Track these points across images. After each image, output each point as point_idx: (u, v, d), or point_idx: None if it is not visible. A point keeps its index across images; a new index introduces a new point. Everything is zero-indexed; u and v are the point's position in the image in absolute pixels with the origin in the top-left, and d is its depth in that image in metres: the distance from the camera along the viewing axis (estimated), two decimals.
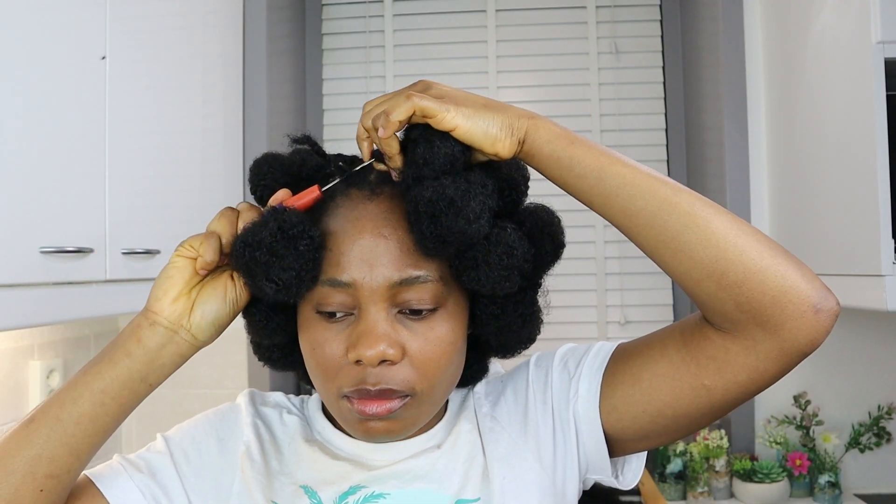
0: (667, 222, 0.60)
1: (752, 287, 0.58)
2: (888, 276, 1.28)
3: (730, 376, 0.62)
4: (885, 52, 1.29)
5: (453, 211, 0.60)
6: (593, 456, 0.70)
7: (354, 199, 0.66)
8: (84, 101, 1.17)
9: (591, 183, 0.62)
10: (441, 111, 0.60)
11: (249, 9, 1.88)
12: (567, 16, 2.18)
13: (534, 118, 0.63)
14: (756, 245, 0.59)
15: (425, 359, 0.64)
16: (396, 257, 0.63)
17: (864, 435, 1.80)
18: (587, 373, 0.70)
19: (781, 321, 0.58)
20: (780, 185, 1.80)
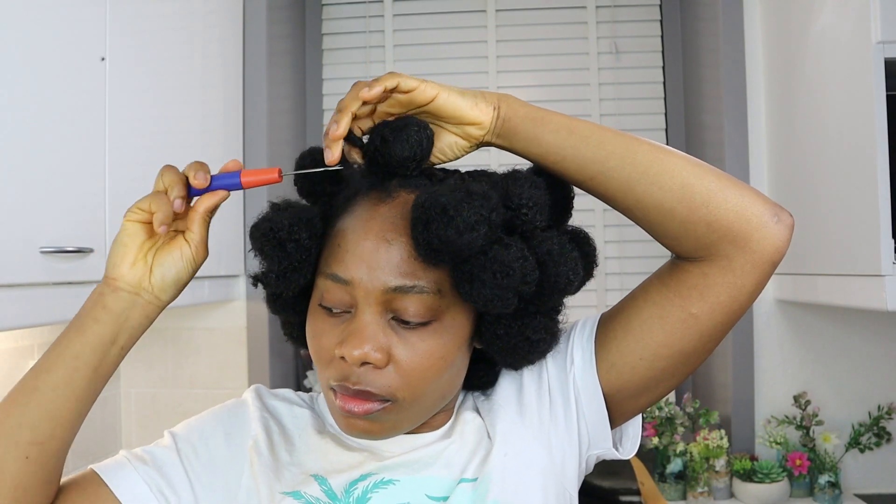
0: (634, 161, 0.66)
1: (717, 204, 0.64)
2: (888, 276, 1.28)
3: (713, 298, 0.66)
4: (885, 52, 1.29)
5: (444, 219, 0.60)
6: (594, 427, 0.72)
7: (371, 199, 0.67)
8: (84, 102, 1.17)
9: (563, 136, 0.66)
10: (420, 84, 0.65)
11: (249, 9, 1.88)
12: (567, 16, 2.18)
13: (501, 98, 0.68)
14: (710, 172, 0.66)
15: (410, 369, 0.65)
16: (396, 264, 0.64)
17: (864, 435, 1.80)
18: (578, 343, 0.72)
19: (748, 232, 0.64)
20: (780, 185, 1.80)
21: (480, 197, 0.62)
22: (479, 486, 0.68)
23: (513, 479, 0.69)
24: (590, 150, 0.66)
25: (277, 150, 1.97)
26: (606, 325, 0.73)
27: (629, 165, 0.66)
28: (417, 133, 0.65)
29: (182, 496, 0.69)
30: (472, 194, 0.61)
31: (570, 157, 0.67)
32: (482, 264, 0.62)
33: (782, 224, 0.65)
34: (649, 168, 0.66)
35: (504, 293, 0.62)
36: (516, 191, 0.65)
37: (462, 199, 0.61)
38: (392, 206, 0.66)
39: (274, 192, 0.79)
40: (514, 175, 0.68)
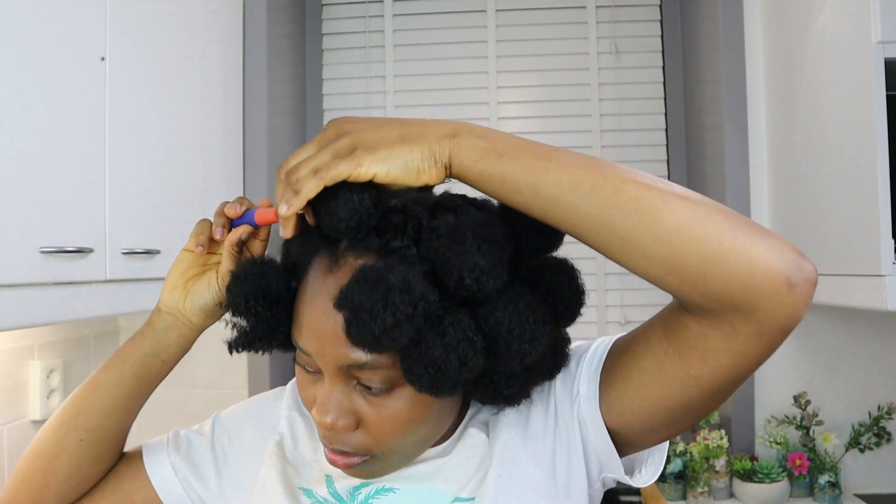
0: (613, 223, 0.55)
1: (715, 276, 0.54)
2: (888, 276, 1.28)
3: (714, 363, 0.59)
4: (885, 52, 1.29)
5: (360, 323, 0.56)
6: (603, 455, 0.69)
7: (322, 263, 0.64)
8: (84, 102, 1.17)
9: (527, 196, 0.57)
10: (353, 168, 0.57)
11: (249, 9, 1.88)
12: (567, 16, 2.18)
13: (456, 137, 0.58)
14: (713, 229, 0.54)
15: (381, 430, 0.64)
16: (344, 341, 0.60)
17: (864, 435, 1.80)
18: (586, 373, 0.69)
19: (755, 304, 0.54)
20: (780, 185, 1.80)
21: (401, 291, 0.56)
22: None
23: (504, 499, 0.68)
24: (558, 212, 0.57)
25: (277, 150, 1.97)
26: (612, 361, 0.68)
27: (607, 230, 0.56)
28: (354, 199, 0.58)
29: (208, 483, 0.79)
30: (391, 290, 0.56)
31: (537, 215, 0.58)
32: (415, 357, 0.58)
33: (798, 288, 0.53)
34: (632, 233, 0.55)
35: (444, 381, 0.59)
36: (456, 261, 0.58)
37: (378, 298, 0.55)
38: (338, 275, 0.62)
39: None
40: (461, 237, 0.58)
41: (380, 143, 0.58)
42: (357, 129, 0.59)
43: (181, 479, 0.79)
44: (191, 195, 1.56)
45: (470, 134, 0.58)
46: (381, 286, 0.56)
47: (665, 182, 0.57)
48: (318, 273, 0.64)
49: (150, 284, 1.36)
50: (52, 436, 0.76)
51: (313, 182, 0.57)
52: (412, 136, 0.58)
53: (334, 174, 0.57)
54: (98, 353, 1.79)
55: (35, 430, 1.53)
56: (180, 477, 0.79)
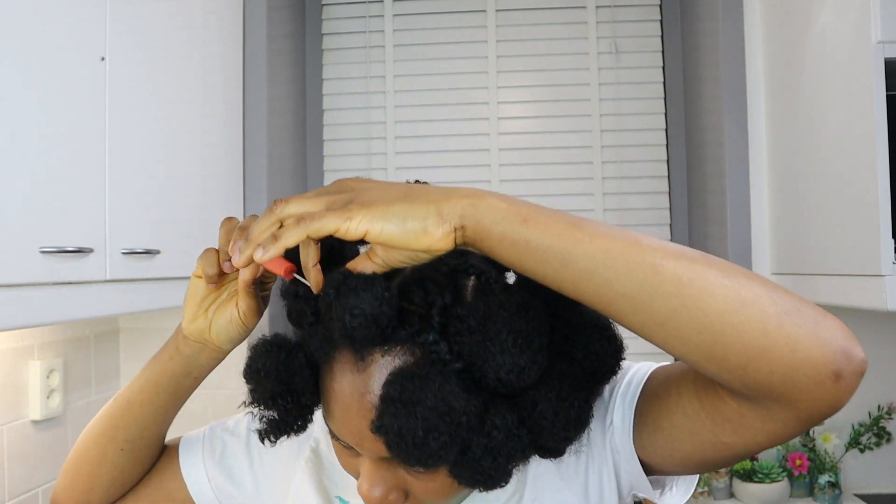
0: (652, 306, 0.50)
1: (757, 368, 0.49)
2: (888, 276, 1.28)
3: (748, 438, 0.55)
4: (885, 52, 1.29)
5: (403, 447, 0.53)
6: (634, 479, 0.68)
7: (344, 363, 0.60)
8: (84, 102, 1.17)
9: (556, 268, 0.51)
10: (341, 223, 0.51)
11: (249, 9, 1.88)
12: (567, 16, 2.18)
13: (472, 196, 0.52)
14: (758, 316, 0.48)
15: (429, 499, 0.63)
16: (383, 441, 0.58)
17: (864, 435, 1.80)
18: (620, 404, 0.66)
19: (796, 396, 0.49)
20: (780, 184, 1.80)
21: (441, 413, 0.53)
22: None
23: None
24: (591, 288, 0.51)
25: (277, 150, 1.97)
26: (646, 400, 0.65)
27: (644, 312, 0.50)
28: (369, 310, 0.53)
29: (243, 485, 0.81)
30: (431, 412, 0.52)
31: (565, 289, 0.52)
32: (463, 464, 0.56)
33: (845, 381, 0.48)
34: (669, 319, 0.50)
35: (496, 478, 0.58)
36: (493, 363, 0.54)
37: (419, 424, 0.52)
38: (367, 374, 0.58)
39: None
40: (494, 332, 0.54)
41: (378, 201, 0.53)
42: (361, 187, 0.55)
43: (214, 488, 0.82)
44: (191, 195, 1.56)
45: (489, 195, 0.53)
46: (418, 409, 0.53)
47: (706, 257, 0.51)
48: (343, 370, 0.60)
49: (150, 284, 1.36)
50: (94, 446, 0.79)
51: (295, 231, 0.52)
52: (416, 195, 0.53)
53: (319, 226, 0.52)
54: (98, 353, 1.79)
55: (35, 430, 1.53)
56: (213, 485, 0.82)
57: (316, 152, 2.24)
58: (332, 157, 2.24)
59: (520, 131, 2.18)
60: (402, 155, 2.20)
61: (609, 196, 2.14)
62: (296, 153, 2.15)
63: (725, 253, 1.85)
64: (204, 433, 0.86)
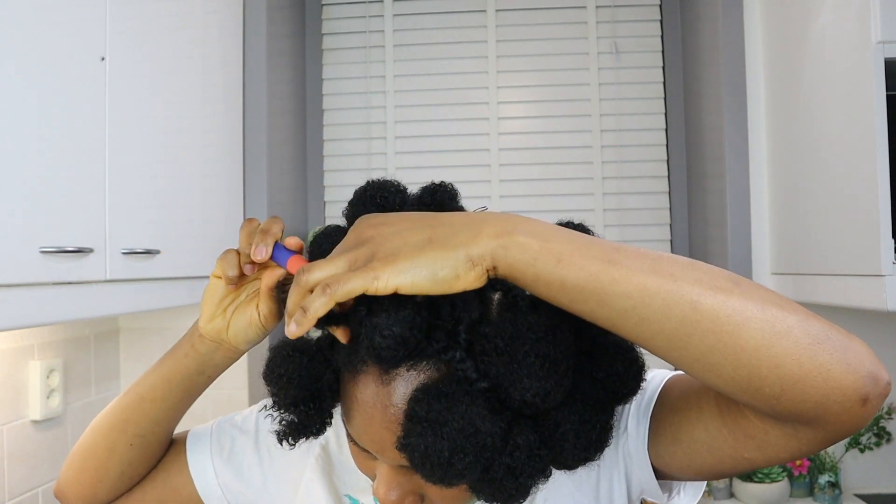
0: (689, 343, 0.50)
1: (790, 398, 0.50)
2: (888, 276, 1.28)
3: (770, 454, 0.56)
4: (885, 52, 1.29)
5: (430, 467, 0.54)
6: (645, 484, 0.69)
7: (368, 374, 0.60)
8: (84, 102, 1.17)
9: (592, 307, 0.51)
10: (369, 283, 0.51)
11: (249, 9, 1.88)
12: (567, 16, 2.18)
13: (502, 236, 0.51)
14: (792, 349, 0.49)
15: (446, 501, 0.64)
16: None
17: (864, 435, 1.80)
18: (635, 412, 0.67)
19: (825, 419, 0.50)
20: (780, 185, 1.80)
21: (467, 435, 0.53)
22: None
23: None
24: (629, 326, 0.51)
25: (277, 150, 1.97)
26: (662, 410, 0.65)
27: (680, 349, 0.50)
28: (397, 332, 0.53)
29: (252, 482, 0.81)
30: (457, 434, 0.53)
31: (605, 325, 0.52)
32: (485, 482, 0.57)
33: (871, 403, 0.50)
34: (706, 356, 0.50)
35: (516, 497, 0.59)
36: (519, 386, 0.53)
37: (445, 445, 0.53)
38: (391, 388, 0.58)
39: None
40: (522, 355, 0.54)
41: (402, 251, 0.52)
42: (380, 233, 0.54)
43: (221, 484, 0.82)
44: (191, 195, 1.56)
45: (520, 232, 0.51)
46: (444, 429, 0.53)
47: (739, 286, 0.51)
48: (368, 381, 0.60)
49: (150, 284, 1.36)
50: (104, 440, 0.79)
51: (322, 300, 0.51)
52: (442, 240, 0.52)
53: (345, 291, 0.51)
54: (98, 353, 1.79)
55: (35, 430, 1.53)
56: (221, 482, 0.82)
57: (316, 152, 2.24)
58: (332, 157, 2.24)
59: (520, 131, 2.19)
60: (402, 155, 2.20)
61: (609, 196, 2.14)
62: (296, 153, 2.15)
63: (725, 253, 1.85)
64: (211, 428, 0.86)
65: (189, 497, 0.83)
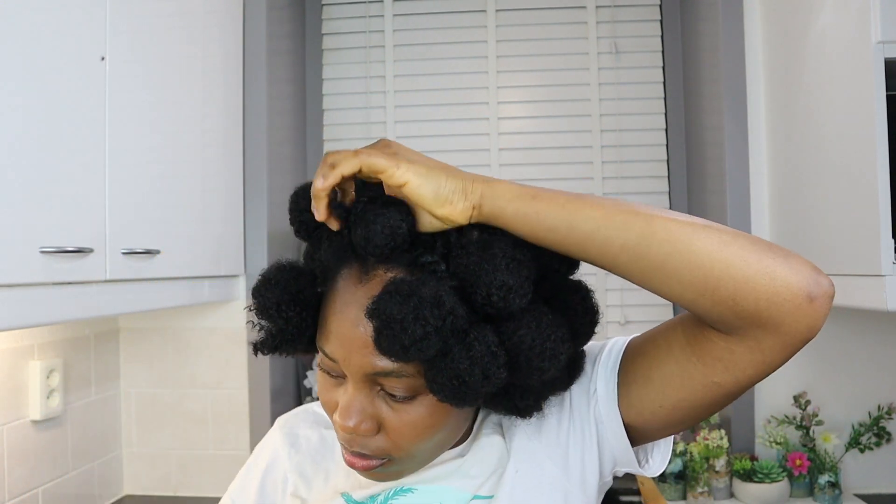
0: (648, 254, 0.59)
1: (744, 296, 0.58)
2: (888, 276, 1.28)
3: (738, 373, 0.62)
4: (885, 52, 1.28)
5: (391, 332, 0.58)
6: (618, 451, 0.72)
7: (351, 274, 0.65)
8: (84, 102, 1.17)
9: (564, 233, 0.60)
10: (391, 167, 0.60)
11: (249, 9, 1.88)
12: (567, 16, 2.18)
13: (489, 181, 0.62)
14: (740, 253, 0.58)
15: (400, 435, 0.66)
16: (372, 350, 0.62)
17: (864, 435, 1.80)
18: (602, 373, 0.71)
19: (780, 318, 0.58)
20: (780, 185, 1.80)
21: (431, 305, 0.58)
22: (491, 502, 0.71)
23: (520, 496, 0.70)
24: (595, 247, 0.60)
25: (277, 150, 1.97)
26: (630, 361, 0.70)
27: (642, 260, 0.59)
28: (391, 223, 0.60)
29: None
30: (423, 303, 0.57)
31: (573, 252, 0.62)
32: (440, 368, 0.60)
33: (817, 301, 0.58)
34: (666, 262, 0.59)
35: (467, 392, 0.60)
36: (485, 279, 0.60)
37: (410, 311, 0.57)
38: (368, 286, 0.63)
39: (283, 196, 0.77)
40: (490, 255, 0.60)
41: (421, 161, 0.62)
42: (404, 148, 0.63)
43: None
44: (191, 195, 1.56)
45: (501, 181, 0.62)
46: (412, 299, 0.58)
47: (689, 216, 0.61)
48: (347, 283, 0.65)
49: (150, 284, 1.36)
50: None
51: (352, 161, 0.60)
52: (450, 171, 0.62)
53: (372, 162, 0.60)
54: (98, 353, 1.79)
55: (35, 430, 1.53)
56: None
57: (316, 152, 2.24)
58: None
59: (520, 131, 2.19)
60: None
61: (609, 196, 2.14)
62: (296, 153, 2.15)
63: None
64: None
65: None
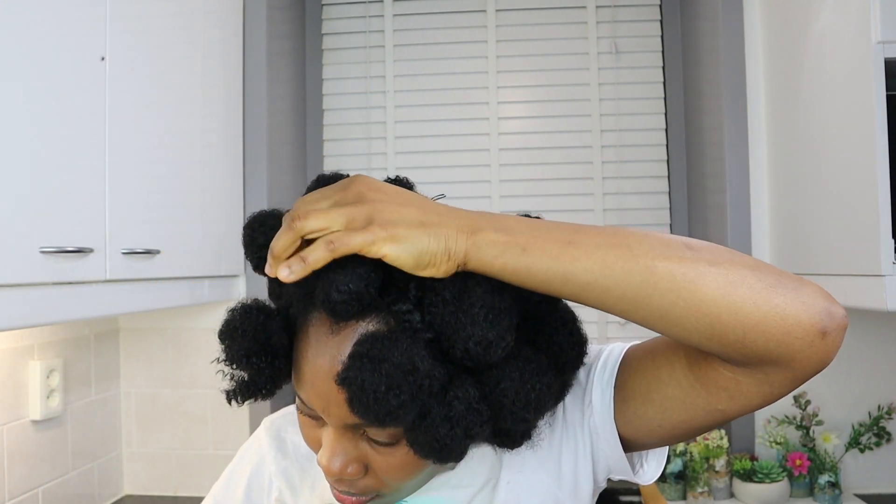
0: (650, 303, 0.55)
1: (754, 339, 0.54)
2: (888, 276, 1.28)
3: (744, 402, 0.60)
4: (885, 52, 1.28)
5: (363, 402, 0.55)
6: (613, 461, 0.70)
7: (318, 324, 0.61)
8: (84, 102, 1.17)
9: (558, 286, 0.56)
10: (365, 244, 0.54)
11: (249, 9, 1.88)
12: (567, 16, 2.18)
13: (474, 233, 0.56)
14: (749, 295, 0.54)
15: (388, 475, 0.64)
16: None
17: (864, 435, 1.80)
18: (598, 383, 0.68)
19: (791, 356, 0.55)
20: (780, 185, 1.80)
21: (405, 372, 0.54)
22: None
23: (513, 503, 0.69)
24: (593, 297, 0.56)
25: (277, 150, 1.97)
26: (628, 377, 0.67)
27: (644, 309, 0.56)
28: (355, 285, 0.55)
29: None
30: (395, 369, 0.54)
31: (572, 300, 0.58)
32: (420, 430, 0.58)
33: (830, 337, 0.54)
34: (670, 311, 0.55)
35: (451, 452, 0.58)
36: (462, 334, 0.56)
37: (382, 380, 0.54)
38: (340, 337, 0.59)
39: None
40: (467, 306, 0.56)
41: (399, 223, 0.55)
42: (378, 198, 0.56)
43: None
44: (191, 195, 1.56)
45: (489, 228, 0.57)
46: (383, 366, 0.54)
47: (692, 249, 0.56)
48: (318, 332, 0.61)
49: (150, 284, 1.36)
50: None
51: (323, 253, 0.54)
52: (432, 224, 0.56)
53: (346, 249, 0.54)
54: (98, 353, 1.79)
55: (35, 430, 1.53)
56: None
57: (316, 152, 2.24)
58: (332, 157, 2.24)
59: (520, 131, 2.19)
60: (402, 155, 2.20)
61: (609, 196, 2.14)
62: (296, 153, 2.15)
63: None
64: None
65: None
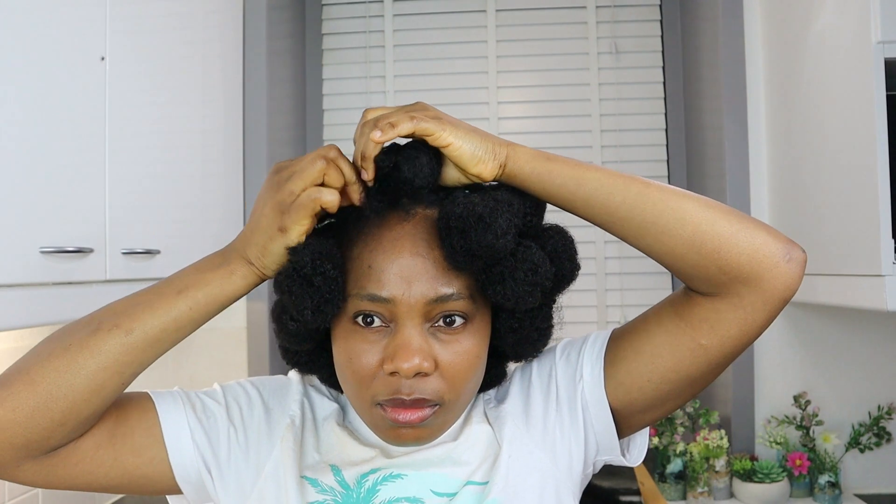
0: (644, 210, 0.68)
1: (728, 250, 0.66)
2: (888, 276, 1.28)
3: (723, 332, 0.69)
4: (885, 52, 1.29)
5: (482, 226, 0.64)
6: (602, 437, 0.76)
7: (391, 220, 0.70)
8: (84, 102, 1.17)
9: (572, 188, 0.69)
10: (438, 129, 0.67)
11: (249, 9, 1.88)
12: (567, 16, 2.18)
13: (512, 145, 0.71)
14: (724, 216, 0.67)
15: (455, 371, 0.69)
16: (433, 275, 0.68)
17: (864, 435, 1.80)
18: (588, 358, 0.76)
19: (759, 274, 0.66)
20: (780, 184, 1.80)
21: (507, 204, 0.67)
22: (486, 488, 0.72)
23: (513, 481, 0.72)
24: (599, 202, 0.69)
25: (277, 150, 1.97)
26: (617, 343, 0.76)
27: (639, 215, 0.68)
28: (429, 164, 0.68)
29: (218, 453, 0.74)
30: (500, 202, 0.67)
31: (579, 207, 0.70)
32: (512, 266, 0.67)
33: (794, 262, 0.67)
34: (659, 218, 0.68)
35: (532, 290, 0.68)
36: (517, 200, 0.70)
37: (494, 207, 0.66)
38: (415, 223, 0.70)
39: None
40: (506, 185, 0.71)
41: (459, 125, 0.69)
42: (441, 112, 0.70)
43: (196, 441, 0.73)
44: (191, 195, 1.56)
45: (523, 146, 0.71)
46: (490, 199, 0.67)
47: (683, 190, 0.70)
48: (388, 227, 0.69)
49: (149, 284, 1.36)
50: (93, 379, 0.66)
51: (409, 123, 0.66)
52: (481, 133, 0.70)
53: (424, 127, 0.66)
54: None
55: None
56: (195, 440, 0.73)
57: None
58: None
59: (520, 131, 2.19)
60: None
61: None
62: (296, 153, 2.15)
63: None
64: (176, 390, 0.77)
65: (151, 460, 0.72)
